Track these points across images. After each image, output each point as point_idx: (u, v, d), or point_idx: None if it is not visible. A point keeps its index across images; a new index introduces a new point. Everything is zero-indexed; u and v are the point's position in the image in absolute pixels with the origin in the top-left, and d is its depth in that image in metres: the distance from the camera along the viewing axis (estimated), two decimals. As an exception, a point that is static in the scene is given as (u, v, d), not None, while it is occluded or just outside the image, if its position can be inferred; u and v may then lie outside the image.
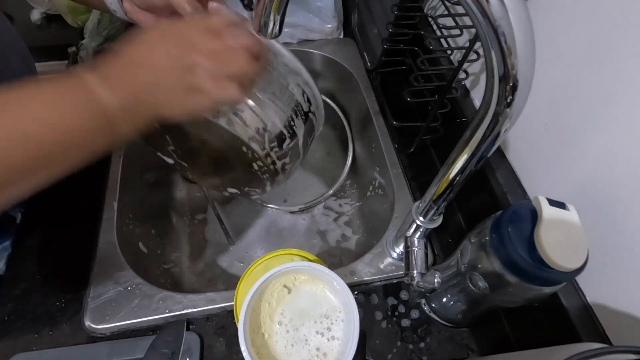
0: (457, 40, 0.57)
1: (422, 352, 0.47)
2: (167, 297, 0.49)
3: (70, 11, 0.74)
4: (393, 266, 0.53)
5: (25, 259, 0.52)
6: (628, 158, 0.35)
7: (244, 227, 0.74)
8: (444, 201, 0.40)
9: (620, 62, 0.35)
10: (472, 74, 0.57)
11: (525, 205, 0.34)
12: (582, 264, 0.31)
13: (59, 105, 0.29)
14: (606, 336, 0.37)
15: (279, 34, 0.36)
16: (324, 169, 0.81)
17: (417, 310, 0.50)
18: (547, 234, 0.31)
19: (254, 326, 0.35)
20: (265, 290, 0.37)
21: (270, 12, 0.33)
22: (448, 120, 0.57)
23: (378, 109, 0.70)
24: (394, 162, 0.63)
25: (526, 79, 0.26)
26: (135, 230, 0.60)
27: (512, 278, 0.33)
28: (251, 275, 0.45)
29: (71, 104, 0.29)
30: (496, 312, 0.47)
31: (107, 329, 0.46)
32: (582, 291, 0.40)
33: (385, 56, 0.67)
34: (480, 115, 0.29)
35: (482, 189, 0.50)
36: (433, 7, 0.65)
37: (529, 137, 0.47)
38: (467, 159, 0.33)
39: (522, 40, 0.24)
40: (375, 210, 0.70)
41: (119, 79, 0.31)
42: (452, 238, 0.56)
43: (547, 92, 0.43)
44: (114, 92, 0.30)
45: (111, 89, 0.30)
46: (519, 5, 0.23)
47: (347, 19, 0.81)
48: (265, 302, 0.37)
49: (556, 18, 0.41)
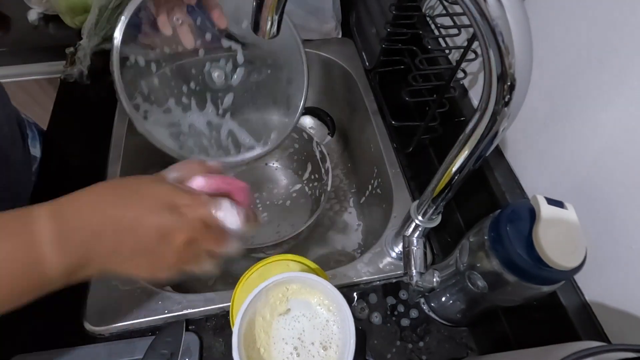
0: (455, 39, 0.57)
1: (422, 351, 0.47)
2: (166, 297, 0.49)
3: (68, 11, 0.74)
4: (392, 266, 0.53)
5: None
6: (626, 157, 0.35)
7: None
8: (443, 200, 0.40)
9: (618, 61, 0.35)
10: (470, 73, 0.57)
11: (524, 204, 0.34)
12: (581, 262, 0.31)
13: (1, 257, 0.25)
14: (605, 334, 0.37)
15: (276, 34, 0.36)
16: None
17: (416, 309, 0.50)
18: (545, 233, 0.31)
19: (249, 341, 0.35)
20: (258, 304, 0.36)
21: (269, 12, 0.33)
22: (446, 120, 0.57)
23: (376, 108, 0.70)
24: (393, 162, 0.63)
25: (524, 78, 0.26)
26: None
27: (510, 277, 0.33)
28: (247, 283, 0.44)
29: (12, 261, 0.25)
30: (495, 311, 0.47)
31: (106, 329, 0.46)
32: (581, 290, 0.40)
33: (383, 56, 0.67)
34: (478, 115, 0.29)
35: (481, 188, 0.50)
36: (431, 7, 0.65)
37: (527, 136, 0.47)
38: (466, 158, 0.33)
39: (520, 39, 0.24)
40: (374, 209, 0.70)
41: (75, 242, 0.27)
42: (451, 237, 0.56)
43: (545, 91, 0.43)
44: (63, 258, 0.26)
45: (61, 253, 0.26)
46: (516, 5, 0.23)
47: (345, 18, 0.81)
48: (259, 315, 0.36)
49: (554, 17, 0.41)
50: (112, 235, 0.27)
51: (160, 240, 0.28)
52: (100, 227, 0.27)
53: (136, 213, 0.28)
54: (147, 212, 0.28)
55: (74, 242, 0.27)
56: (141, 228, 0.28)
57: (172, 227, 0.28)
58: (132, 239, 0.28)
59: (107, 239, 0.27)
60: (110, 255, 0.28)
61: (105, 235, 0.27)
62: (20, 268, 0.26)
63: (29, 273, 0.26)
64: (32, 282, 0.27)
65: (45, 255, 0.26)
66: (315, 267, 0.45)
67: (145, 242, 0.28)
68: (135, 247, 0.28)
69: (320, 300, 0.38)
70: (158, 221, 0.28)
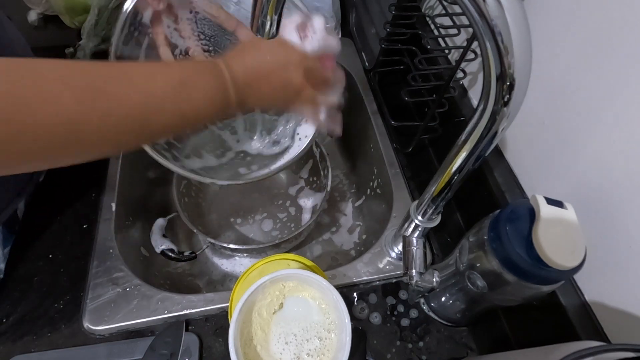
0: (454, 39, 0.57)
1: (422, 351, 0.47)
2: (166, 297, 0.49)
3: (68, 12, 0.74)
4: (392, 266, 0.53)
5: (24, 261, 0.52)
6: (626, 157, 0.35)
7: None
8: (443, 200, 0.40)
9: (618, 61, 0.35)
10: (469, 73, 0.57)
11: (523, 204, 0.34)
12: (580, 262, 0.31)
13: (202, 82, 0.34)
14: (604, 334, 0.37)
15: (276, 34, 0.36)
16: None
17: (416, 309, 0.50)
18: (545, 233, 0.31)
19: (245, 339, 0.35)
20: (254, 302, 0.36)
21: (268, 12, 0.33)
22: (446, 120, 0.57)
23: (376, 108, 0.70)
24: (392, 162, 0.63)
25: (523, 78, 0.26)
26: (136, 231, 0.60)
27: (510, 277, 0.33)
28: (246, 281, 0.44)
29: (214, 90, 0.34)
30: (495, 311, 0.47)
31: (105, 330, 0.46)
32: (580, 290, 0.40)
33: (383, 56, 0.67)
34: (477, 115, 0.29)
35: (480, 188, 0.50)
36: (430, 7, 0.65)
37: (526, 136, 0.47)
38: (465, 158, 0.33)
39: (519, 39, 0.24)
40: (373, 209, 0.70)
41: (243, 89, 0.36)
42: (450, 237, 0.56)
43: (545, 91, 0.43)
44: (237, 95, 0.36)
45: (236, 92, 0.36)
46: (515, 5, 0.23)
47: (345, 18, 0.81)
48: (255, 313, 0.36)
49: (553, 17, 0.41)
50: (263, 79, 0.38)
51: (287, 85, 0.39)
52: (256, 74, 0.37)
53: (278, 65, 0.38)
54: (285, 67, 0.39)
55: (244, 82, 0.36)
56: (277, 77, 0.38)
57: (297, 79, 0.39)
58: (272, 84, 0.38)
59: (267, 85, 0.38)
60: (269, 100, 0.39)
61: (267, 81, 0.38)
62: (218, 95, 0.35)
63: (222, 100, 0.35)
64: (223, 106, 0.35)
65: (229, 88, 0.35)
66: (314, 266, 0.46)
67: (280, 84, 0.39)
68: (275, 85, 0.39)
69: (317, 298, 0.38)
70: (289, 76, 0.39)
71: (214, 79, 0.34)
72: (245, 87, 0.36)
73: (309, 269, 0.45)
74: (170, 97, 0.31)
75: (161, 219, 0.60)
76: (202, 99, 0.33)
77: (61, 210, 0.56)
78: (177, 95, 0.31)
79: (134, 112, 0.29)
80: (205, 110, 0.34)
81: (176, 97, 0.31)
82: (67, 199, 0.57)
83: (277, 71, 0.38)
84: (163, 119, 0.31)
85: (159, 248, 0.56)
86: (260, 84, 0.37)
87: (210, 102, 0.34)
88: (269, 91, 0.38)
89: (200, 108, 0.34)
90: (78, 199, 0.57)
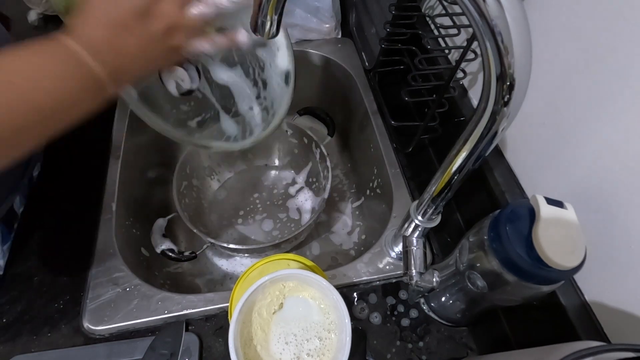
0: (454, 39, 0.57)
1: (422, 351, 0.47)
2: (166, 297, 0.49)
3: (68, 12, 0.74)
4: (392, 266, 0.53)
5: (24, 261, 0.52)
6: (626, 156, 0.35)
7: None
8: (443, 200, 0.40)
9: (617, 61, 0.35)
10: (469, 73, 0.57)
11: (523, 204, 0.34)
12: (580, 262, 0.31)
13: (50, 70, 0.28)
14: (604, 334, 0.37)
15: (276, 34, 0.36)
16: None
17: (416, 309, 0.50)
18: (545, 233, 0.31)
19: (245, 339, 0.35)
20: (254, 302, 0.36)
21: (268, 12, 0.33)
22: (446, 120, 0.57)
23: (376, 108, 0.70)
24: (392, 162, 0.63)
25: (523, 78, 0.26)
26: (136, 232, 0.60)
27: (510, 277, 0.33)
28: (246, 281, 0.44)
29: (61, 70, 0.29)
30: (495, 311, 0.47)
31: (105, 330, 0.46)
32: (580, 290, 0.40)
33: (383, 56, 0.67)
34: (478, 115, 0.29)
35: (480, 188, 0.50)
36: (430, 7, 0.65)
37: (526, 136, 0.47)
38: (465, 158, 0.33)
39: (519, 39, 0.24)
40: (373, 209, 0.70)
41: (108, 51, 0.30)
42: (450, 237, 0.56)
43: (545, 91, 0.43)
44: (103, 64, 0.30)
45: (100, 61, 0.30)
46: (515, 5, 0.23)
47: (345, 18, 0.81)
48: (255, 313, 0.36)
49: (553, 17, 0.41)
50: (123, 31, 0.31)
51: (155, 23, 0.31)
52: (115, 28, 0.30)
53: None
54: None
55: (105, 47, 0.30)
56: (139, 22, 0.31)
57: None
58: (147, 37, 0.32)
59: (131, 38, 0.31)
60: (140, 60, 0.32)
61: (128, 33, 0.31)
62: (68, 70, 0.29)
63: (77, 74, 0.29)
64: (83, 84, 0.30)
65: (84, 57, 0.29)
66: (314, 266, 0.46)
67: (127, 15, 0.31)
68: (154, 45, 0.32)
69: (317, 298, 0.38)
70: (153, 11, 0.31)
71: (61, 63, 0.29)
72: (110, 50, 0.30)
73: (309, 269, 0.45)
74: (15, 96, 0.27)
75: (161, 219, 0.60)
76: (54, 89, 0.28)
77: (61, 210, 0.57)
78: (24, 94, 0.27)
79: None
80: (70, 98, 0.29)
81: (24, 96, 0.27)
82: (67, 199, 0.57)
83: (135, 13, 0.31)
84: (16, 121, 0.27)
85: (159, 248, 0.56)
86: (124, 38, 0.31)
87: (68, 86, 0.29)
88: (139, 42, 0.31)
89: (60, 98, 0.28)
90: (78, 198, 0.57)
